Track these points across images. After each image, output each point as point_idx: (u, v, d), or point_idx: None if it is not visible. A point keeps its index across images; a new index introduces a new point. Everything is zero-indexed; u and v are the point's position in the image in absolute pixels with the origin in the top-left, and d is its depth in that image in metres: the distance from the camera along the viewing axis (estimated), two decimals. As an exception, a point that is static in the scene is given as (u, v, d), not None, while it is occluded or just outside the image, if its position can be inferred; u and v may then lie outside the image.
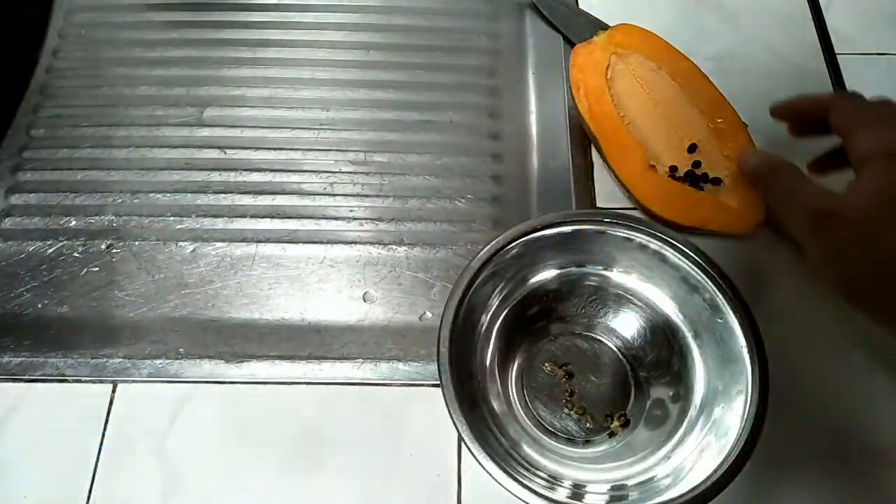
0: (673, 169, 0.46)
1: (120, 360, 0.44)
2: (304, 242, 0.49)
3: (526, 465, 0.37)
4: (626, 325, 0.42)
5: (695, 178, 0.46)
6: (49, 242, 0.49)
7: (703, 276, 0.37)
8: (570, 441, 0.40)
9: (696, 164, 0.46)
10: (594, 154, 0.51)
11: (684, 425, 0.38)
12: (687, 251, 0.38)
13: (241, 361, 0.42)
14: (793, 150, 0.52)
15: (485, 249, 0.38)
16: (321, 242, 0.49)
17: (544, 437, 0.40)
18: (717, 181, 0.46)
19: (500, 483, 0.32)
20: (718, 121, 0.47)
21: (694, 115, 0.47)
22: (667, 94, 0.48)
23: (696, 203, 0.44)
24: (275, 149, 0.53)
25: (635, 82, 0.49)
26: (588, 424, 0.41)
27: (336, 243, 0.49)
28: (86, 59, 0.57)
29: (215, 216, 0.50)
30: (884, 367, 0.43)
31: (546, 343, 0.43)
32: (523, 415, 0.41)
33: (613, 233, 0.39)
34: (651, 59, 0.49)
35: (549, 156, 0.52)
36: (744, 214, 0.44)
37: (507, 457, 0.36)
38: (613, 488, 0.37)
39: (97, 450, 0.41)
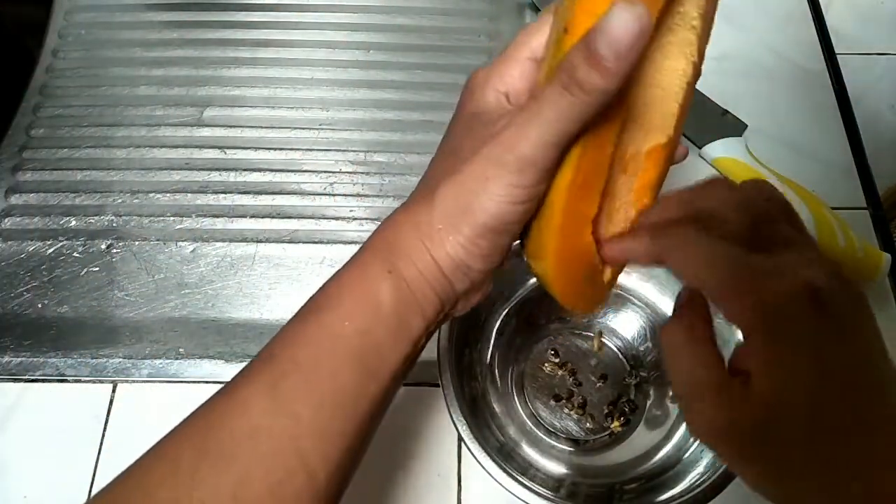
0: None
1: (120, 360, 0.44)
2: (304, 242, 0.49)
3: (526, 465, 0.37)
4: (626, 325, 0.42)
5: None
6: (49, 242, 0.49)
7: (703, 276, 0.37)
8: (570, 441, 0.40)
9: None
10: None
11: (684, 425, 0.38)
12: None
13: (241, 361, 0.42)
14: (790, 157, 0.52)
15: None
16: (321, 242, 0.49)
17: (544, 437, 0.40)
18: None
19: (500, 483, 0.32)
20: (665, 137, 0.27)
21: (670, 107, 0.27)
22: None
23: (590, 279, 0.28)
24: (275, 149, 0.53)
25: None
26: (588, 424, 0.41)
27: (336, 243, 0.49)
28: (86, 59, 0.57)
29: (215, 216, 0.50)
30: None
31: (546, 343, 0.43)
32: (523, 415, 0.41)
33: (613, 233, 0.39)
34: None
35: (549, 156, 0.52)
36: (603, 293, 0.29)
37: (507, 457, 0.36)
38: (613, 488, 0.37)
39: (97, 450, 0.41)
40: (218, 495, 0.22)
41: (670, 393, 0.40)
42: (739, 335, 0.35)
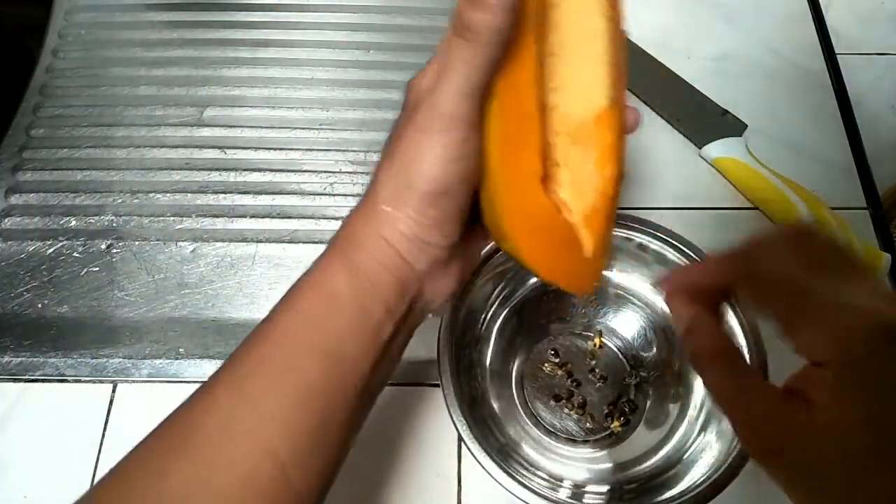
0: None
1: (120, 360, 0.44)
2: (304, 242, 0.49)
3: (526, 465, 0.37)
4: (626, 325, 0.42)
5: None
6: (49, 242, 0.49)
7: (703, 276, 0.37)
8: (570, 441, 0.40)
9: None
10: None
11: (684, 425, 0.38)
12: (687, 251, 0.38)
13: (241, 361, 0.42)
14: (790, 157, 0.52)
15: (485, 249, 0.38)
16: (321, 242, 0.49)
17: (544, 437, 0.40)
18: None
19: (500, 483, 0.32)
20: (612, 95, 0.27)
21: (597, 70, 0.27)
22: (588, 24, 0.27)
23: (561, 245, 0.27)
24: (275, 149, 0.53)
25: None
26: (588, 424, 0.41)
27: (336, 243, 0.49)
28: (86, 59, 0.57)
29: (215, 216, 0.50)
30: (884, 367, 0.43)
31: (546, 343, 0.43)
32: (523, 415, 0.41)
33: (614, 233, 0.39)
34: None
35: (549, 156, 0.51)
36: (593, 268, 0.28)
37: (507, 457, 0.36)
38: (613, 488, 0.37)
39: (97, 450, 0.41)
40: (187, 485, 0.22)
41: (671, 393, 0.40)
42: (742, 340, 0.36)
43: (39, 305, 0.46)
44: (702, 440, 0.36)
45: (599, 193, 0.27)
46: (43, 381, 0.43)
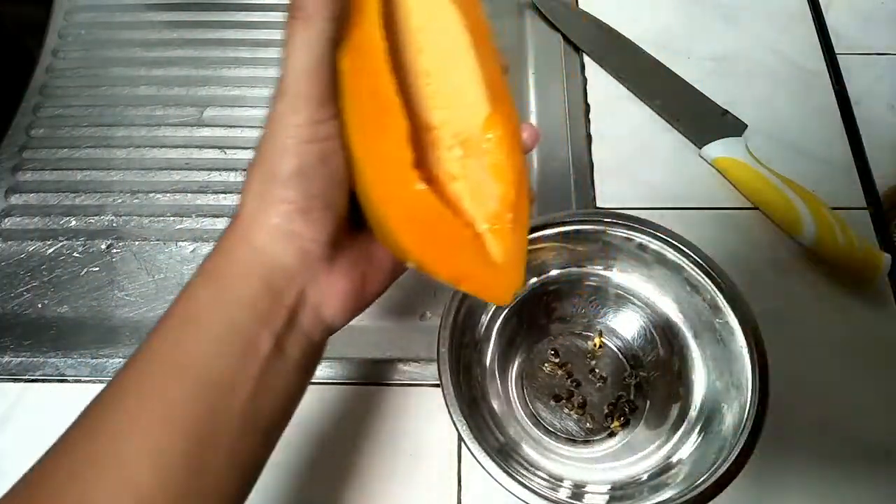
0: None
1: (120, 360, 0.44)
2: (304, 242, 0.49)
3: (526, 465, 0.37)
4: (626, 325, 0.42)
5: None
6: (49, 242, 0.49)
7: (703, 276, 0.37)
8: (570, 441, 0.40)
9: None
10: (595, 153, 0.51)
11: (684, 425, 0.38)
12: (687, 251, 0.38)
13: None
14: (790, 157, 0.52)
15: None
16: (321, 242, 0.49)
17: (544, 437, 0.40)
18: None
19: (500, 483, 0.32)
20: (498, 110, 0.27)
21: (471, 82, 0.27)
22: (452, 37, 0.27)
23: (458, 244, 0.25)
24: (275, 149, 0.53)
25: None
26: (588, 424, 0.41)
27: (336, 243, 0.49)
28: (86, 59, 0.57)
29: (215, 216, 0.50)
30: (884, 367, 0.43)
31: (546, 343, 0.43)
32: (523, 415, 0.41)
33: (613, 233, 0.39)
34: None
35: (549, 156, 0.51)
36: (507, 275, 0.26)
37: (507, 457, 0.36)
38: (613, 488, 0.37)
39: (97, 450, 0.41)
40: None
41: (671, 393, 0.40)
42: (742, 340, 0.36)
43: (39, 305, 0.46)
44: (702, 440, 0.36)
45: (500, 200, 0.26)
46: (43, 381, 0.43)
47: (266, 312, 0.23)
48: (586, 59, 0.55)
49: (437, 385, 0.35)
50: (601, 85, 0.54)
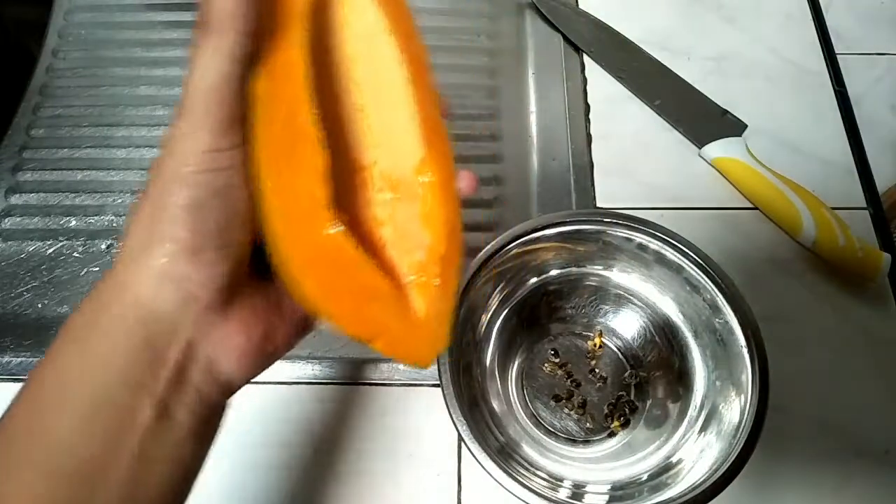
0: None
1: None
2: (304, 242, 0.49)
3: (526, 465, 0.37)
4: (626, 325, 0.42)
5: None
6: (49, 242, 0.49)
7: (703, 276, 0.37)
8: (570, 441, 0.40)
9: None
10: (595, 153, 0.51)
11: (684, 425, 0.38)
12: (687, 251, 0.38)
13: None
14: (790, 157, 0.52)
15: (485, 249, 0.38)
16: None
17: (544, 437, 0.40)
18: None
19: (500, 483, 0.32)
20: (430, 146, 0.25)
21: (406, 121, 0.25)
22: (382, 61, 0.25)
23: (373, 295, 0.23)
24: (275, 149, 0.53)
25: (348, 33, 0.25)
26: (588, 424, 0.41)
27: (336, 243, 0.49)
28: (86, 59, 0.57)
29: (215, 216, 0.50)
30: (884, 367, 0.43)
31: (546, 343, 0.43)
32: (523, 415, 0.41)
33: (613, 233, 0.39)
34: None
35: (549, 156, 0.52)
36: (429, 333, 0.24)
37: (507, 457, 0.36)
38: (613, 488, 0.37)
39: (97, 450, 0.41)
40: None
41: (670, 393, 0.40)
42: (742, 340, 0.36)
43: (39, 305, 0.46)
44: (702, 440, 0.36)
45: (429, 251, 0.24)
46: (43, 381, 0.43)
47: (143, 376, 0.20)
48: (586, 59, 0.55)
49: (437, 385, 0.35)
50: (601, 85, 0.54)
